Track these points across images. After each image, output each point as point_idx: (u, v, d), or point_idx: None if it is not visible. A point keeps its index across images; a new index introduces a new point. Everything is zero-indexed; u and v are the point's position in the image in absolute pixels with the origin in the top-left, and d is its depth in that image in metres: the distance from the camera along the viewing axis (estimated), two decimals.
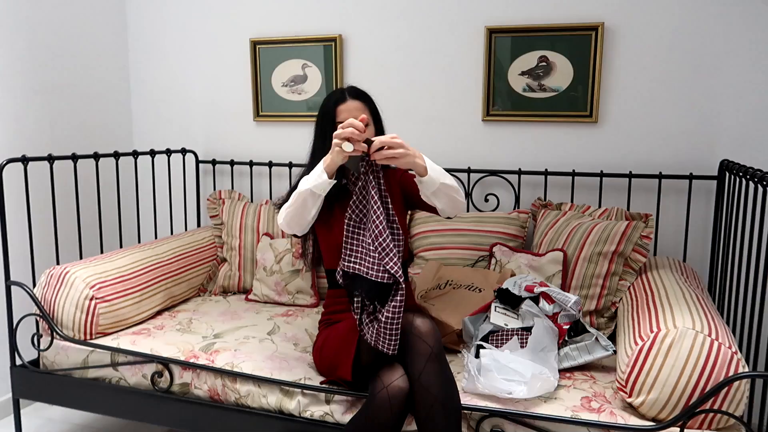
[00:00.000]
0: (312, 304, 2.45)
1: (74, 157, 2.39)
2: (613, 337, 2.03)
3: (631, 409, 1.59)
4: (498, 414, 1.60)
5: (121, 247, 2.72)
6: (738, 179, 1.95)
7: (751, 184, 1.94)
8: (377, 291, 1.58)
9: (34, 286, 2.24)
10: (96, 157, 2.48)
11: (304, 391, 1.75)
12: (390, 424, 1.52)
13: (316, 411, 1.73)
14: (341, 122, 1.74)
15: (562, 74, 2.43)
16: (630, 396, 1.55)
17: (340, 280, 1.64)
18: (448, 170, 2.60)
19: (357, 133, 1.60)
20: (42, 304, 2.13)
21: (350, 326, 1.72)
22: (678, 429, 1.47)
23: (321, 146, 1.81)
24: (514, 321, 1.88)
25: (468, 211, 2.60)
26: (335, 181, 1.67)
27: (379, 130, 1.87)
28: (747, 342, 1.75)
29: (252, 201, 2.84)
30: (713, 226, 2.30)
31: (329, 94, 1.89)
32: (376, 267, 1.57)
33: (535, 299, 1.89)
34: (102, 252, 2.57)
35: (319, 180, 1.65)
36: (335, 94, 1.84)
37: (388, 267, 1.56)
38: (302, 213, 1.71)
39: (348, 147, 1.60)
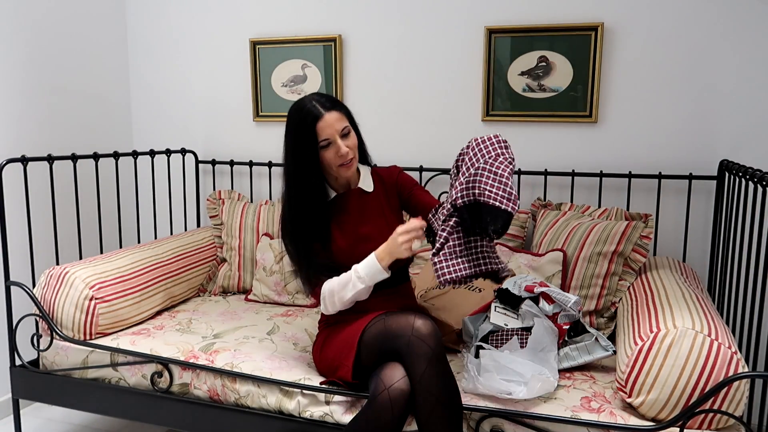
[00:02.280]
0: (312, 304, 2.45)
1: (74, 158, 2.39)
2: (612, 337, 2.03)
3: (631, 409, 1.59)
4: (498, 414, 1.60)
5: (120, 247, 2.72)
6: (737, 179, 1.95)
7: (751, 184, 1.94)
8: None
9: (34, 286, 2.24)
10: (95, 157, 2.48)
11: (304, 391, 1.75)
12: (391, 426, 1.52)
13: (316, 411, 1.73)
14: (326, 139, 1.68)
15: (561, 74, 2.43)
16: (630, 396, 1.55)
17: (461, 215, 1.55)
18: (448, 171, 2.61)
19: (421, 232, 1.60)
20: (41, 304, 2.13)
21: (351, 327, 1.71)
22: (678, 429, 1.47)
23: (301, 174, 1.72)
24: (514, 321, 1.88)
25: None
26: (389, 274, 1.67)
27: (358, 135, 1.79)
28: (747, 342, 1.75)
29: (252, 201, 2.84)
30: (713, 226, 2.30)
31: (298, 112, 1.70)
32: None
33: (535, 299, 1.89)
34: (102, 252, 2.57)
35: (378, 277, 1.65)
36: (308, 112, 1.68)
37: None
38: (354, 301, 1.71)
39: (417, 245, 1.61)
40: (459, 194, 1.56)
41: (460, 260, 1.56)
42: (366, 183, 1.85)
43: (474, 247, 1.59)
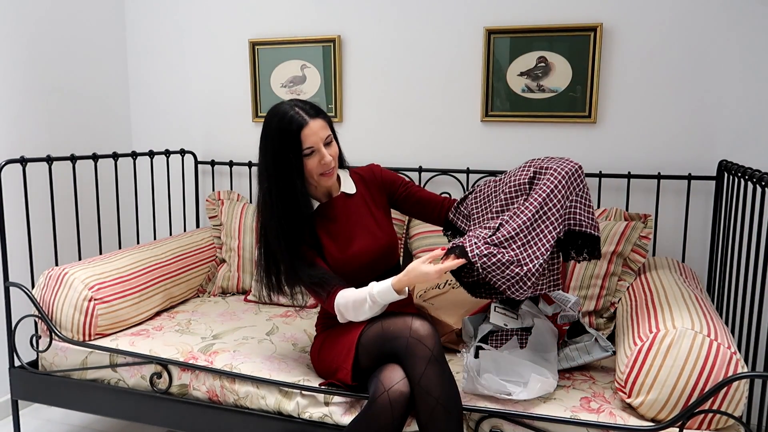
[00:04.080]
0: (311, 305, 2.45)
1: (73, 158, 2.39)
2: (612, 338, 2.03)
3: (631, 409, 1.59)
4: (497, 414, 1.60)
5: (119, 248, 2.71)
6: (736, 179, 1.95)
7: (750, 185, 1.94)
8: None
9: (33, 287, 2.24)
10: (95, 158, 2.48)
11: (303, 392, 1.75)
12: (391, 428, 1.52)
13: (315, 412, 1.73)
14: (310, 147, 1.66)
15: (560, 75, 2.43)
16: (629, 396, 1.55)
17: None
18: (447, 171, 2.61)
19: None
20: (41, 305, 2.13)
21: (348, 329, 1.71)
22: (677, 429, 1.47)
23: (285, 184, 1.69)
24: (514, 321, 1.88)
25: None
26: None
27: (337, 142, 1.78)
28: (746, 342, 1.75)
29: (251, 202, 2.84)
30: (712, 227, 2.30)
31: (279, 118, 1.66)
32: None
33: (535, 300, 1.89)
34: (101, 253, 2.57)
35: (393, 299, 1.64)
36: (291, 119, 1.64)
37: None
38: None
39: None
40: (560, 227, 1.65)
41: (544, 278, 1.68)
42: (348, 186, 1.85)
43: (553, 267, 1.70)
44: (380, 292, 1.64)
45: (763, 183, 1.62)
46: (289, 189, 1.69)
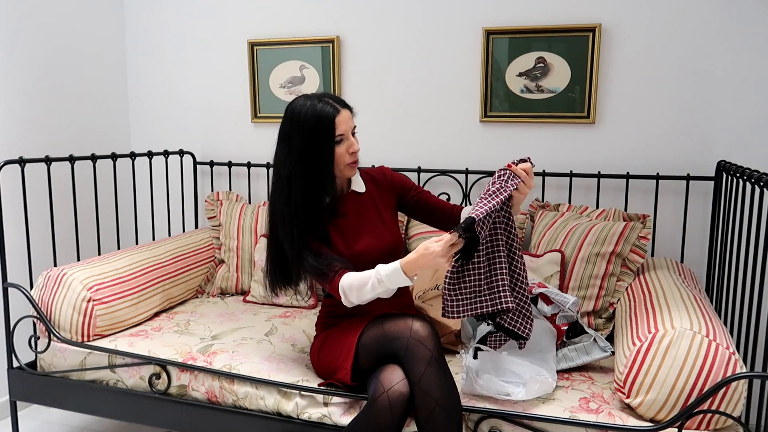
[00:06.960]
0: (310, 305, 2.45)
1: (71, 159, 2.39)
2: (611, 338, 2.03)
3: (629, 409, 1.59)
4: (496, 415, 1.60)
5: (118, 248, 2.71)
6: (735, 180, 1.95)
7: (748, 185, 1.94)
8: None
9: (32, 288, 2.24)
10: (93, 158, 2.48)
11: (302, 392, 1.75)
12: (390, 429, 1.52)
13: (314, 413, 1.73)
14: (341, 134, 1.70)
15: (559, 75, 2.43)
16: (628, 397, 1.55)
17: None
18: (446, 171, 2.61)
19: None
20: (39, 306, 2.12)
21: (348, 329, 1.71)
22: (676, 430, 1.47)
23: (313, 166, 1.71)
24: None
25: None
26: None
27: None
28: (744, 342, 1.75)
29: (250, 202, 2.84)
30: (711, 227, 2.30)
31: (309, 108, 1.71)
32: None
33: (534, 300, 1.89)
34: (99, 254, 2.56)
35: (401, 284, 1.62)
36: (322, 109, 1.70)
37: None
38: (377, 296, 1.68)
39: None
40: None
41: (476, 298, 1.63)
42: (358, 185, 1.86)
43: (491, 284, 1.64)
44: (387, 272, 1.62)
45: (762, 183, 1.62)
46: (317, 173, 1.71)
